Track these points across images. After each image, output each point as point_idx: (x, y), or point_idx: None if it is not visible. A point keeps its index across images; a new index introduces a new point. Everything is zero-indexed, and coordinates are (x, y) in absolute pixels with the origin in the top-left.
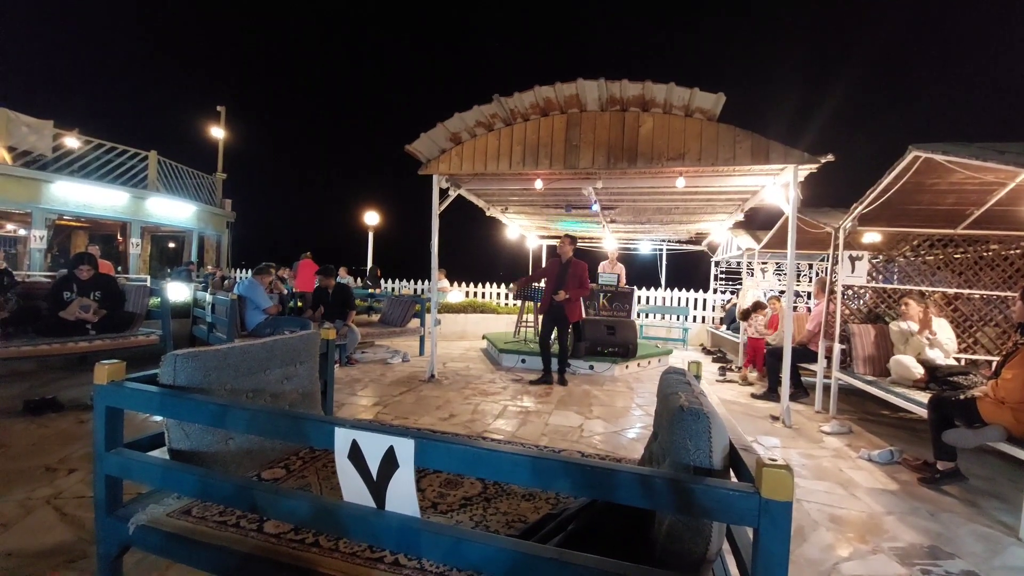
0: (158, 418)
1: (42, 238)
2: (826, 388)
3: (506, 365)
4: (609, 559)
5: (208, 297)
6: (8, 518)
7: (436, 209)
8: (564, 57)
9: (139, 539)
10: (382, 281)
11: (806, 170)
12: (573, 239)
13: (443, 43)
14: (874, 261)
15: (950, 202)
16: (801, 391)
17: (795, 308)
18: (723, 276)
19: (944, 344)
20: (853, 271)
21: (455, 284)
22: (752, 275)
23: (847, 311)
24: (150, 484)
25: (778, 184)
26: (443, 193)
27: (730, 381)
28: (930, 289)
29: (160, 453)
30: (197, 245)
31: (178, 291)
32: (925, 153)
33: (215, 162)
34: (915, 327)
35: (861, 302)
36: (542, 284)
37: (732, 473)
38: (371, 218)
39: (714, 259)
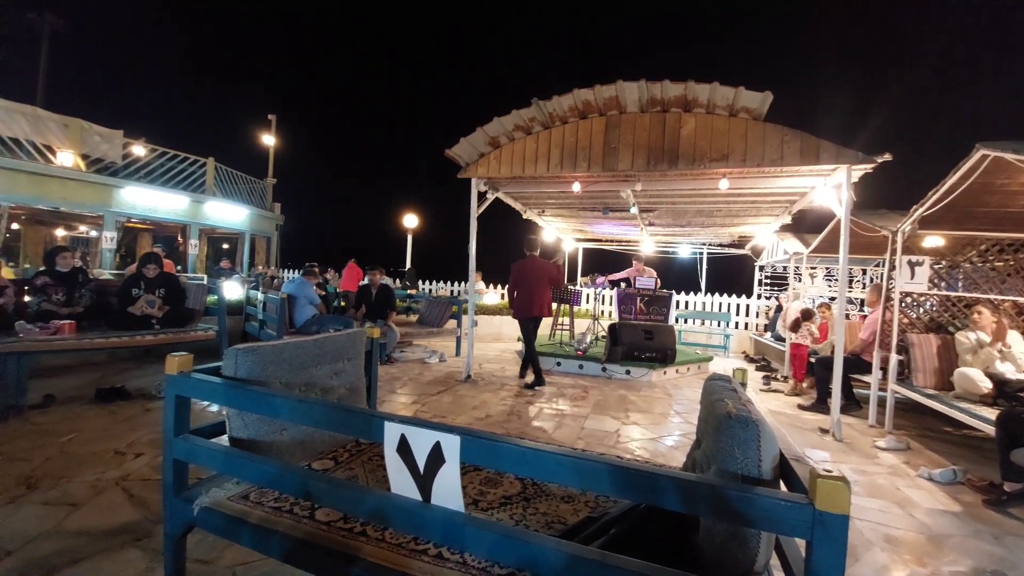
0: (214, 408)
1: (112, 239)
2: (881, 401)
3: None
4: (654, 564)
5: (260, 295)
6: (79, 498)
7: (474, 212)
8: (598, 58)
9: (202, 520)
10: (419, 282)
11: (860, 170)
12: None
13: (482, 49)
14: (936, 267)
15: (1023, 204)
16: (853, 403)
17: (847, 316)
18: (768, 281)
19: (1018, 357)
20: (913, 277)
21: (491, 286)
22: (800, 280)
23: (905, 320)
24: (213, 469)
25: (829, 185)
26: (481, 196)
27: (775, 391)
28: (999, 298)
29: (219, 441)
30: (249, 246)
31: (232, 290)
32: (994, 152)
33: (266, 167)
34: (987, 338)
35: (921, 310)
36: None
37: (782, 484)
38: (410, 221)
39: (758, 263)
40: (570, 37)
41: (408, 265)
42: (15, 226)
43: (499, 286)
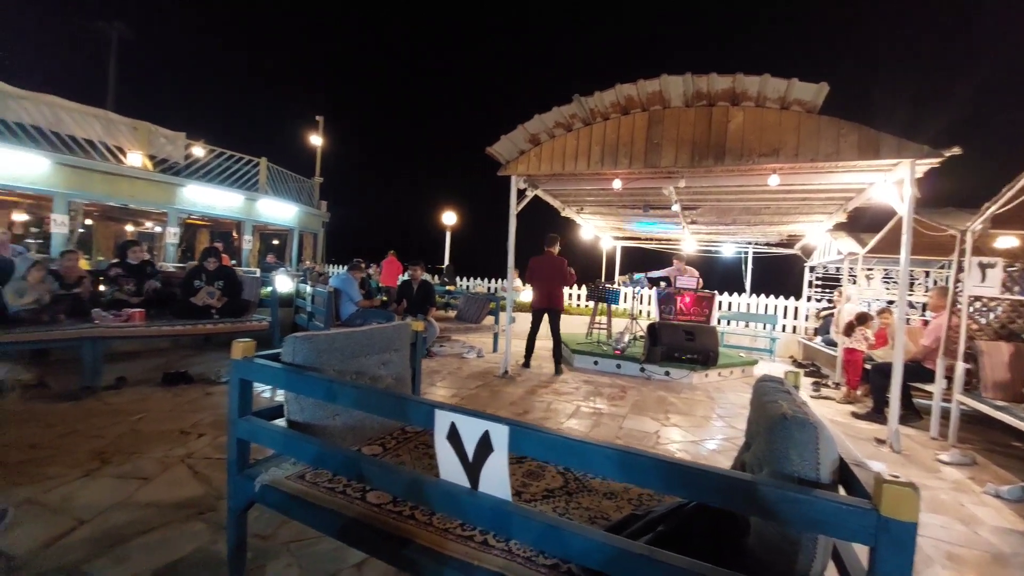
0: (266, 393)
1: (175, 234)
2: (944, 412)
3: (578, 366)
4: (703, 563)
5: (308, 289)
6: (150, 473)
7: (513, 209)
8: (641, 51)
9: (263, 496)
10: (457, 279)
11: (925, 165)
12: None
13: (524, 50)
14: (1010, 269)
15: None
16: (912, 413)
17: (908, 320)
18: (819, 283)
19: None
20: (983, 280)
21: (527, 284)
22: (855, 282)
23: (974, 326)
24: (273, 449)
25: (890, 181)
26: (520, 194)
27: (825, 398)
28: None
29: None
30: (297, 242)
31: (283, 283)
32: None
33: (313, 167)
34: None
35: (992, 316)
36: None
37: (841, 490)
38: (448, 218)
39: (808, 264)
40: (607, 38)
41: (447, 262)
42: (88, 221)
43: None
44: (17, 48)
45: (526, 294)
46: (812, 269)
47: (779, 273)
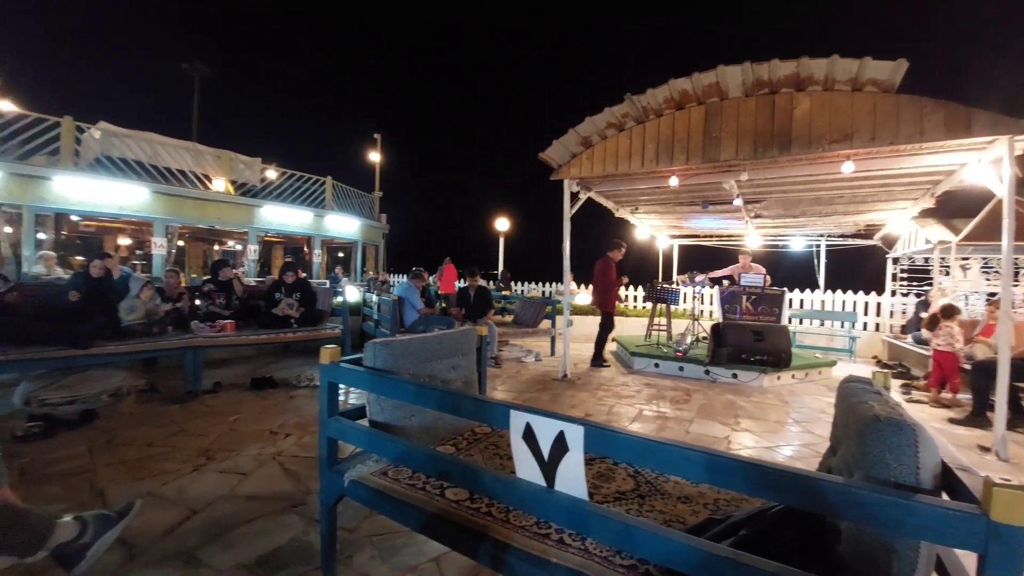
0: (340, 396)
1: (255, 251)
2: None
3: (638, 368)
4: (793, 569)
5: (374, 298)
6: (247, 469)
7: (567, 213)
8: (696, 43)
9: (351, 491)
10: (512, 284)
11: None
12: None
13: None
14: None
15: None
16: (1021, 417)
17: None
18: (904, 275)
19: None
20: None
21: (582, 286)
22: (947, 274)
23: None
24: (361, 447)
25: (985, 161)
26: (574, 197)
27: (917, 401)
28: None
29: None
30: (361, 254)
31: (352, 293)
32: None
33: (373, 182)
34: None
35: None
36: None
37: (944, 495)
38: (502, 224)
39: (891, 255)
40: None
41: (501, 267)
42: (180, 243)
43: (590, 286)
44: (117, 89)
45: (581, 297)
46: (895, 261)
47: (856, 267)
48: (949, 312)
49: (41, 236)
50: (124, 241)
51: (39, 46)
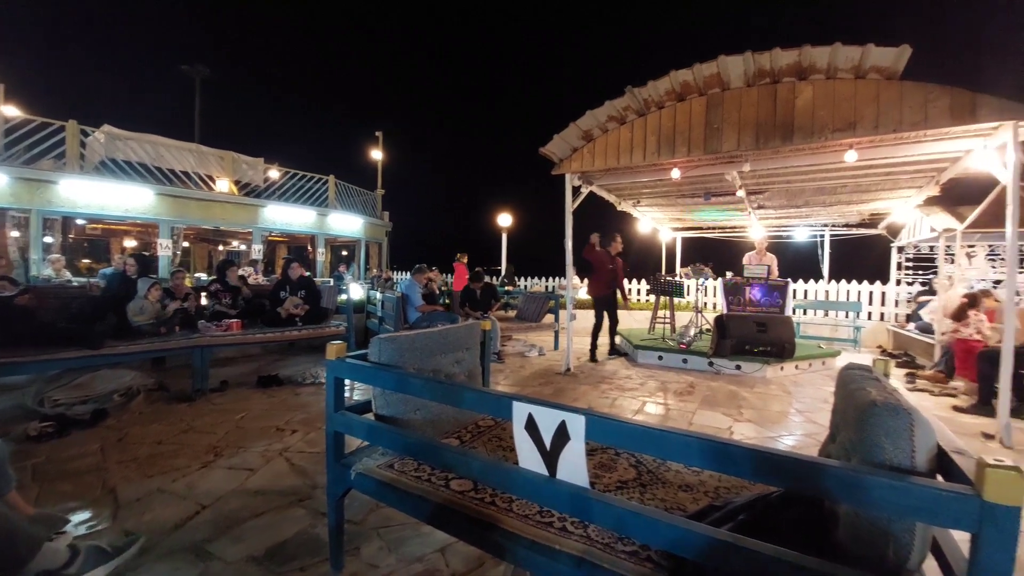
0: (346, 393)
1: (259, 251)
2: None
3: (641, 362)
4: (790, 551)
5: (378, 295)
6: (255, 464)
7: (569, 207)
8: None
9: (358, 483)
10: (516, 279)
11: None
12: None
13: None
14: None
15: None
16: None
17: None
18: (909, 264)
19: None
20: None
21: (584, 280)
22: (952, 262)
23: None
24: (367, 440)
25: (990, 147)
26: (575, 191)
27: (922, 390)
28: None
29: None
30: (364, 252)
31: (356, 291)
32: None
33: (375, 179)
34: None
35: None
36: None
37: (940, 479)
38: (504, 220)
39: (895, 244)
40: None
41: (504, 263)
42: (185, 243)
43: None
44: (119, 92)
45: (583, 291)
46: (901, 250)
47: (861, 256)
48: (975, 300)
49: (48, 239)
50: (130, 243)
51: (42, 50)
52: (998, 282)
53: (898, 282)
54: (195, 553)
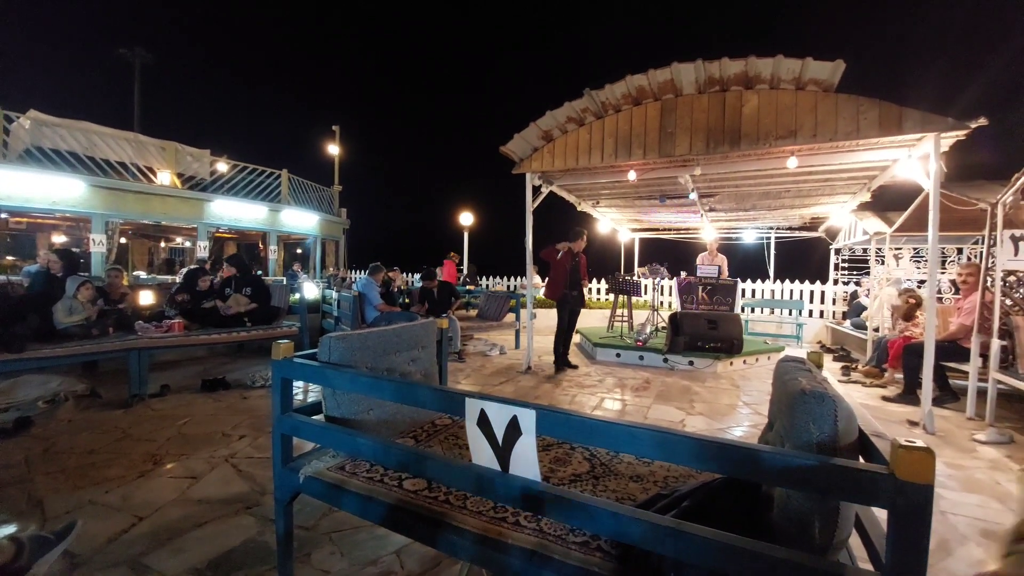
0: (298, 395)
1: (205, 248)
2: (982, 392)
3: (600, 359)
4: (727, 533)
5: (334, 295)
6: (198, 472)
7: (529, 207)
8: (655, 43)
9: (307, 487)
10: (479, 278)
11: (951, 138)
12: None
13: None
14: None
15: None
16: (948, 395)
17: (940, 299)
18: (846, 265)
19: None
20: (1016, 254)
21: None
22: (882, 263)
23: (1008, 301)
24: (316, 442)
25: (914, 157)
26: (536, 191)
27: (855, 382)
28: None
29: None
30: (320, 250)
31: (311, 290)
32: None
33: (332, 176)
34: None
35: None
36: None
37: (861, 459)
38: (466, 219)
39: (834, 246)
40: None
41: (467, 262)
42: (123, 240)
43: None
44: (49, 77)
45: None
46: (838, 251)
47: (803, 257)
48: (919, 301)
49: None
50: (60, 239)
51: None
52: (922, 282)
53: (835, 282)
54: (131, 567)
